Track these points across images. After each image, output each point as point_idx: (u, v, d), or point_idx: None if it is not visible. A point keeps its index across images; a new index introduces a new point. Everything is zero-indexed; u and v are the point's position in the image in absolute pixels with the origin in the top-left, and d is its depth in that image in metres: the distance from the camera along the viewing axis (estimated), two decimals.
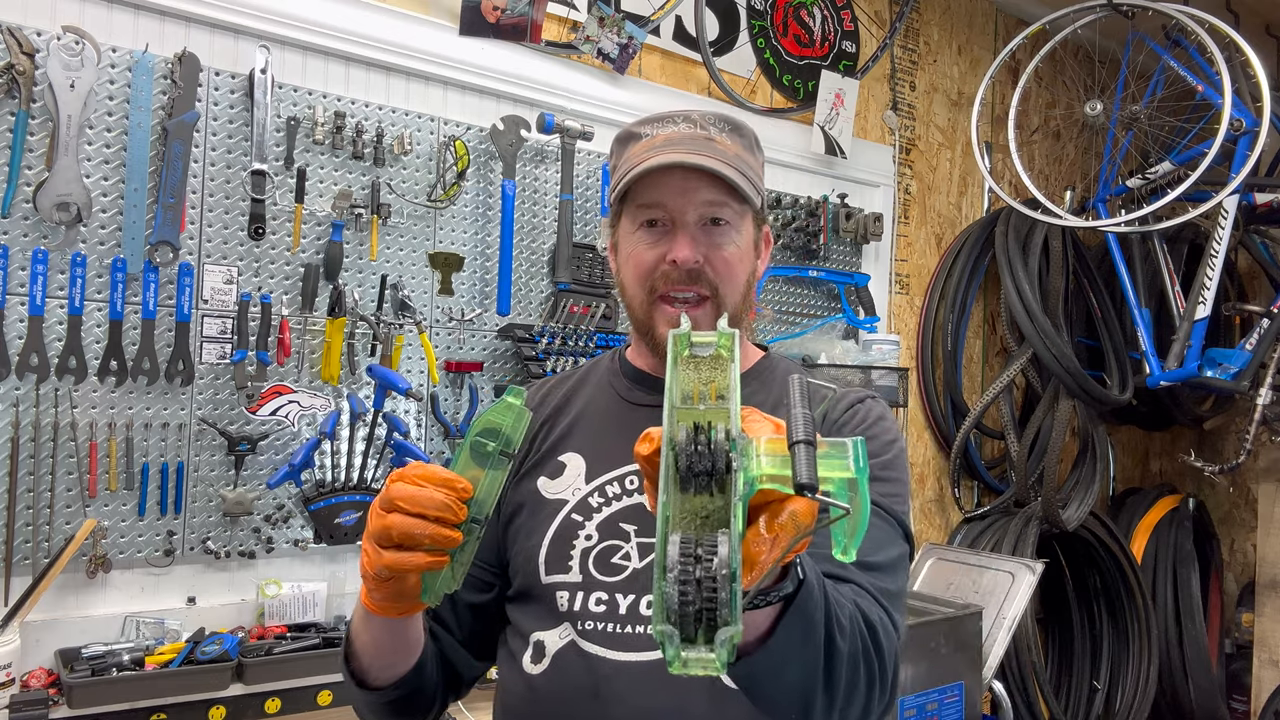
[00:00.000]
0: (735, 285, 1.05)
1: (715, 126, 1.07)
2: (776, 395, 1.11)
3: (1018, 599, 2.56)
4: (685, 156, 1.01)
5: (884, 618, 0.89)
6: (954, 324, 3.20)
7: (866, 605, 0.88)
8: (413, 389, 2.04)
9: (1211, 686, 3.47)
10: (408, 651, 0.99)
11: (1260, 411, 3.05)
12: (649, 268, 1.05)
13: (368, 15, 2.06)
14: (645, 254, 1.05)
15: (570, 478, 1.09)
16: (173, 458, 1.83)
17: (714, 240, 1.04)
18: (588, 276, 2.37)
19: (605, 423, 1.12)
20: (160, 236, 1.78)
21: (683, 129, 1.06)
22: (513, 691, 1.06)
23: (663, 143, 1.04)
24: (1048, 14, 3.01)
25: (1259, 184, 3.11)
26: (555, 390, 1.19)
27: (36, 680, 1.62)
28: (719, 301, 1.04)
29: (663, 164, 1.01)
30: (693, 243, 1.03)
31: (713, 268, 1.04)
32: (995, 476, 3.35)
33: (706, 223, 1.04)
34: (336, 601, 2.00)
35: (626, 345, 1.21)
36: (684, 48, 2.63)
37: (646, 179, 1.02)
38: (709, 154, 1.02)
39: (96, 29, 1.74)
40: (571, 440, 1.12)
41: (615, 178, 1.09)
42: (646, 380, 1.13)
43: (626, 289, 1.09)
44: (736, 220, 1.05)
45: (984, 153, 3.09)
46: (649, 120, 1.09)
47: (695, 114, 1.08)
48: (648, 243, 1.05)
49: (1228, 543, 3.95)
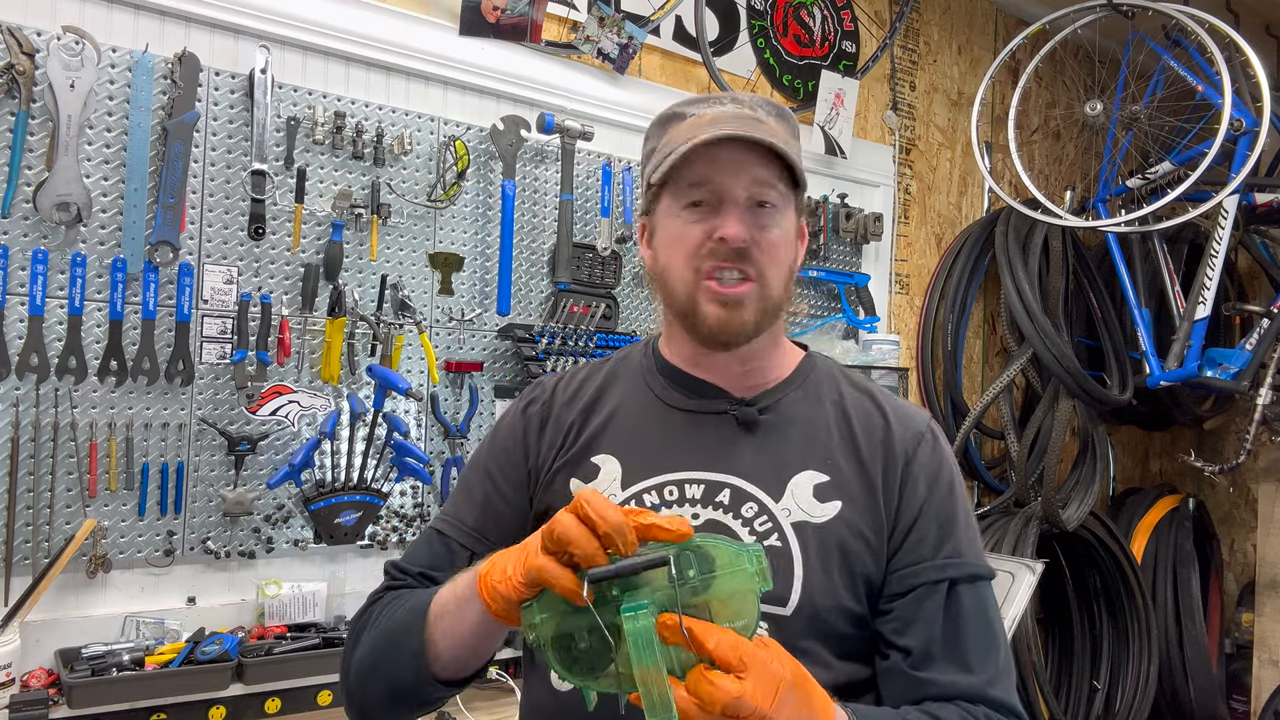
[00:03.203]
0: (780, 270, 1.02)
1: (763, 109, 1.04)
2: (812, 403, 1.08)
3: (1018, 599, 2.56)
4: (739, 130, 0.97)
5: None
6: (954, 324, 3.20)
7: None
8: (413, 389, 2.04)
9: (1211, 686, 3.46)
10: (489, 653, 0.98)
11: (1260, 411, 3.05)
12: (695, 245, 1.00)
13: (368, 15, 2.06)
14: (692, 231, 1.00)
15: (605, 482, 1.05)
16: (173, 458, 1.83)
17: (760, 222, 1.00)
18: (588, 276, 2.37)
19: (642, 426, 1.08)
20: (160, 236, 1.78)
21: (730, 109, 1.03)
22: (541, 706, 1.03)
23: (710, 121, 1.01)
24: (1048, 14, 3.01)
25: (1259, 184, 3.11)
26: (586, 384, 1.14)
27: (36, 680, 1.62)
28: (764, 285, 1.01)
29: (719, 136, 0.97)
30: (742, 219, 0.99)
31: (760, 248, 0.99)
32: (995, 476, 3.35)
33: (754, 204, 1.00)
34: (336, 601, 2.00)
35: (658, 335, 1.16)
36: (684, 48, 2.63)
37: (695, 156, 0.98)
38: (762, 133, 0.98)
39: (96, 29, 1.74)
40: (605, 441, 1.08)
41: (659, 157, 1.04)
42: (683, 379, 1.10)
43: (668, 271, 1.04)
44: (783, 205, 1.02)
45: (984, 153, 3.09)
46: (694, 100, 1.06)
47: (743, 96, 1.06)
48: (693, 220, 1.01)
49: (1228, 543, 3.95)
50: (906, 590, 0.98)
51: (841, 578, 0.98)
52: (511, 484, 1.11)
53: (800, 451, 1.04)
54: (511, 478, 1.11)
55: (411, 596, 1.02)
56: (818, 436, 1.05)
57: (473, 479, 1.14)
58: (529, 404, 1.15)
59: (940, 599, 0.97)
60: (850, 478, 1.02)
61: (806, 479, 1.02)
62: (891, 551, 1.01)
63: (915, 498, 1.02)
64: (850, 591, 0.98)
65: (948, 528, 1.01)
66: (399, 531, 2.10)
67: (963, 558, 1.00)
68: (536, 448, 1.11)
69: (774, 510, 1.00)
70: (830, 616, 0.97)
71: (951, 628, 0.96)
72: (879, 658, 1.00)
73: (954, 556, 0.99)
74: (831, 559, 0.98)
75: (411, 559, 1.11)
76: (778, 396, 1.08)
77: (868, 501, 1.01)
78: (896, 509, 1.01)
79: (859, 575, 0.99)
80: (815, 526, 0.99)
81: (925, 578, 0.98)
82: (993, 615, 1.00)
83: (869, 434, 1.05)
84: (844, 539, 0.99)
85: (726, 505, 1.01)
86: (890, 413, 1.08)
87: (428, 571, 1.07)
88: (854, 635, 0.99)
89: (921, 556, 0.99)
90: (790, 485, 1.02)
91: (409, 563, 1.10)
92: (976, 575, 1.00)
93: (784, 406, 1.07)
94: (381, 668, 0.99)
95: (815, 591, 0.97)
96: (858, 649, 1.00)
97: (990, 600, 1.01)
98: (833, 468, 1.03)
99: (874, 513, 1.01)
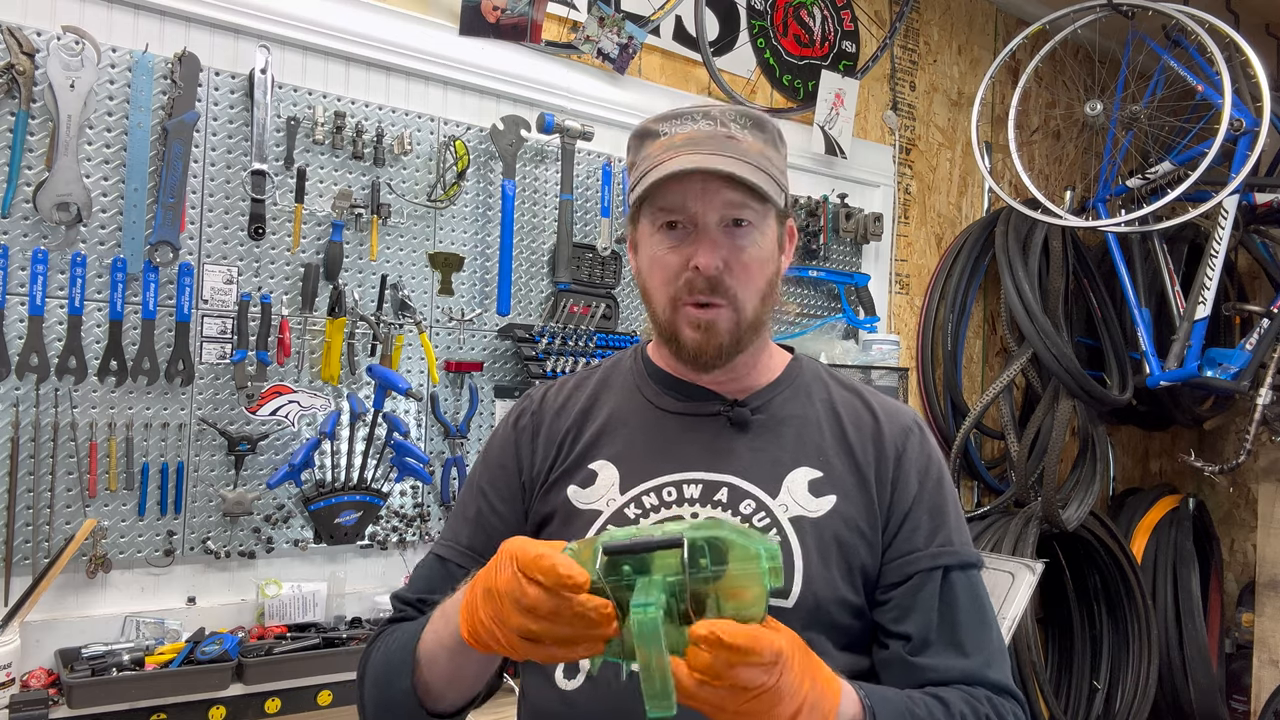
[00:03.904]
0: (754, 289, 1.04)
1: (736, 123, 1.04)
2: (803, 402, 1.11)
3: (1018, 599, 2.56)
4: (704, 161, 0.98)
5: (991, 714, 0.94)
6: (954, 324, 3.20)
7: (972, 710, 0.94)
8: (413, 389, 2.04)
9: (1211, 686, 3.46)
10: (484, 679, 0.99)
11: (1260, 411, 3.05)
12: (673, 273, 1.02)
13: (368, 15, 2.06)
14: (669, 259, 1.02)
15: (603, 487, 1.06)
16: (173, 458, 1.83)
17: (736, 243, 1.02)
18: (588, 276, 2.37)
19: (637, 430, 1.10)
20: (160, 236, 1.78)
21: (703, 126, 1.03)
22: (545, 709, 1.04)
23: (682, 142, 1.01)
24: (1048, 14, 3.01)
25: (1259, 184, 3.11)
26: (577, 392, 1.16)
27: (36, 680, 1.62)
28: (737, 309, 1.03)
29: (681, 170, 0.98)
30: (714, 247, 1.00)
31: (731, 273, 1.01)
32: (995, 476, 3.35)
33: (729, 224, 1.01)
34: (336, 601, 2.00)
35: (647, 342, 1.19)
36: (684, 48, 2.63)
37: (666, 182, 1.00)
38: (730, 153, 1.00)
39: (96, 29, 1.74)
40: (601, 448, 1.09)
41: (633, 178, 1.06)
42: (674, 384, 1.12)
43: (649, 292, 1.07)
44: (759, 220, 1.03)
45: (984, 153, 3.09)
46: (667, 117, 1.06)
47: (715, 110, 1.05)
48: (669, 246, 1.03)
49: (1228, 543, 3.95)
50: (903, 579, 1.02)
51: (839, 570, 1.01)
52: (503, 498, 1.12)
53: (794, 449, 1.07)
54: (504, 492, 1.13)
55: (401, 631, 1.03)
56: (810, 434, 1.08)
57: (467, 498, 1.16)
58: (519, 416, 1.16)
59: (935, 586, 1.01)
60: (843, 473, 1.06)
61: (801, 475, 1.05)
62: (886, 543, 1.04)
63: (908, 491, 1.05)
64: (848, 583, 1.01)
65: (939, 518, 1.05)
66: (399, 531, 2.10)
67: (954, 546, 1.04)
68: (530, 460, 1.12)
69: (771, 506, 1.03)
70: (831, 608, 1.00)
71: (947, 612, 1.00)
72: (878, 647, 1.03)
73: (946, 545, 1.04)
74: (829, 552, 1.01)
75: (413, 587, 1.12)
76: (769, 397, 1.11)
77: (861, 495, 1.05)
78: (890, 502, 1.05)
79: (856, 567, 1.02)
80: (812, 521, 1.02)
81: (920, 566, 1.02)
82: (985, 601, 1.04)
83: (859, 431, 1.09)
84: (840, 532, 1.02)
85: (725, 503, 1.03)
86: (879, 410, 1.11)
87: (425, 596, 1.08)
88: (854, 626, 1.02)
89: (916, 546, 1.03)
90: (786, 481, 1.04)
91: (411, 591, 1.12)
92: (968, 563, 1.04)
93: (775, 406, 1.10)
94: (385, 706, 1.01)
95: (816, 584, 1.00)
96: (857, 640, 1.03)
97: (981, 587, 1.05)
98: (826, 464, 1.06)
99: (868, 506, 1.04)
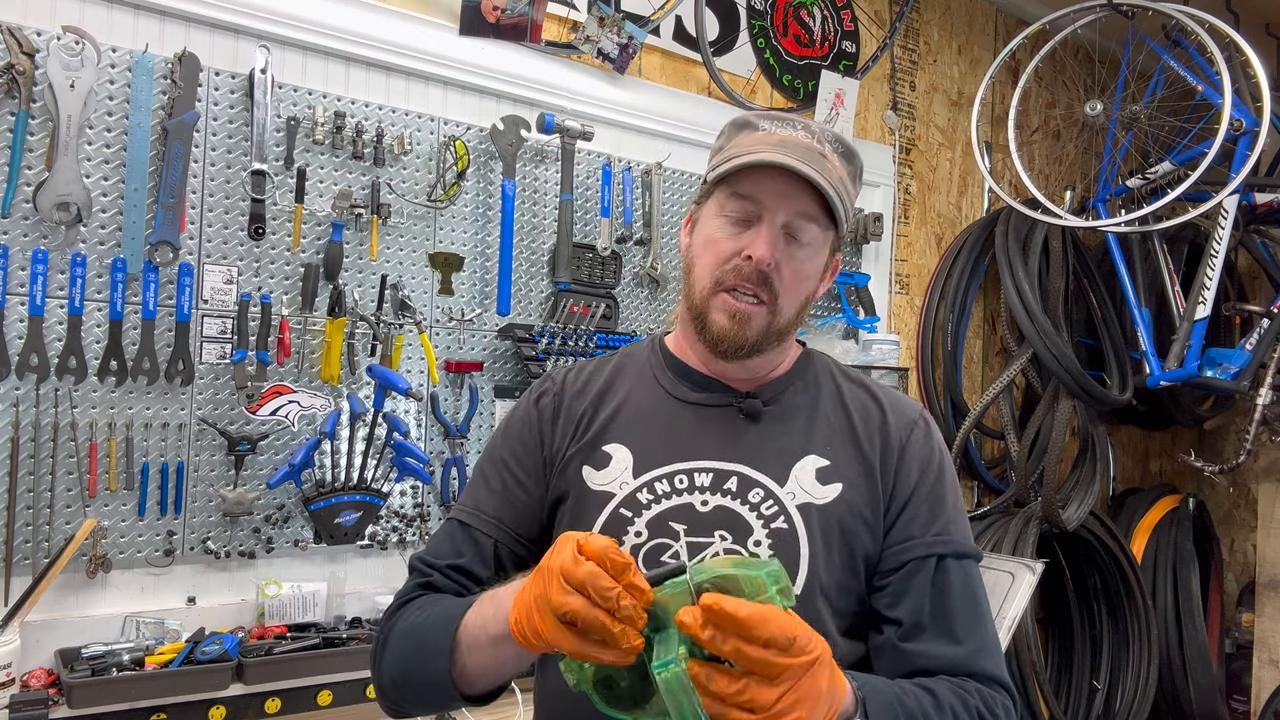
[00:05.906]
0: (794, 299, 1.07)
1: (831, 144, 1.07)
2: (812, 394, 1.14)
3: (1018, 599, 2.56)
4: (796, 163, 1.00)
5: (981, 706, 0.95)
6: (954, 324, 3.20)
7: (961, 702, 0.94)
8: (413, 389, 2.04)
9: (1211, 686, 3.46)
10: (518, 674, 1.00)
11: (1260, 411, 3.05)
12: (723, 258, 1.05)
13: (368, 15, 2.06)
14: (725, 244, 1.05)
15: (617, 470, 1.09)
16: (173, 458, 1.83)
17: (791, 252, 1.05)
18: (588, 276, 2.37)
19: (652, 417, 1.12)
20: (160, 236, 1.78)
21: (800, 136, 1.06)
22: (556, 692, 1.06)
23: (778, 142, 1.04)
24: (1048, 14, 3.01)
25: (1259, 184, 3.11)
26: (595, 376, 1.18)
27: (36, 680, 1.62)
28: (774, 311, 1.05)
29: (773, 162, 1.00)
30: (772, 243, 1.03)
31: (780, 275, 1.04)
32: (995, 476, 3.35)
33: (790, 234, 1.04)
34: (336, 601, 2.00)
35: (665, 333, 1.22)
36: (684, 48, 2.63)
37: (750, 170, 1.02)
38: (818, 169, 1.02)
39: (96, 29, 1.74)
40: (616, 431, 1.12)
41: (719, 158, 1.08)
42: (691, 375, 1.14)
43: (694, 269, 1.09)
44: (818, 241, 1.06)
45: (984, 153, 3.09)
46: (771, 116, 1.09)
47: (815, 126, 1.08)
48: (729, 232, 1.05)
49: (1228, 543, 3.95)
50: (899, 565, 1.05)
51: (842, 556, 1.04)
52: (528, 472, 1.14)
53: (803, 439, 1.10)
54: (528, 466, 1.14)
55: (439, 606, 1.04)
56: (818, 425, 1.11)
57: (489, 469, 1.16)
58: (540, 395, 1.18)
59: (929, 573, 1.03)
60: (849, 462, 1.08)
61: (809, 463, 1.08)
62: (886, 530, 1.07)
63: (909, 480, 1.08)
64: (850, 569, 1.04)
65: (938, 508, 1.07)
66: (399, 531, 2.10)
67: (950, 535, 1.06)
68: (551, 436, 1.14)
69: (779, 494, 1.05)
70: (834, 593, 1.03)
71: (939, 599, 1.02)
72: (873, 633, 1.05)
73: (943, 534, 1.06)
74: (834, 538, 1.04)
75: (437, 552, 1.12)
76: (780, 389, 1.14)
77: (866, 484, 1.07)
78: (892, 491, 1.08)
79: (859, 553, 1.05)
80: (818, 507, 1.05)
81: (916, 553, 1.05)
82: (979, 592, 1.06)
83: (866, 422, 1.12)
84: (844, 519, 1.05)
85: (734, 492, 1.06)
86: (885, 403, 1.14)
87: (455, 563, 1.10)
88: (856, 612, 1.06)
89: (912, 534, 1.06)
90: (794, 470, 1.07)
91: (435, 556, 1.12)
92: (963, 553, 1.06)
93: (786, 398, 1.13)
94: (414, 678, 1.02)
95: (821, 569, 1.03)
96: (859, 626, 1.06)
97: (977, 579, 1.07)
98: (833, 453, 1.09)
99: (872, 495, 1.07)
